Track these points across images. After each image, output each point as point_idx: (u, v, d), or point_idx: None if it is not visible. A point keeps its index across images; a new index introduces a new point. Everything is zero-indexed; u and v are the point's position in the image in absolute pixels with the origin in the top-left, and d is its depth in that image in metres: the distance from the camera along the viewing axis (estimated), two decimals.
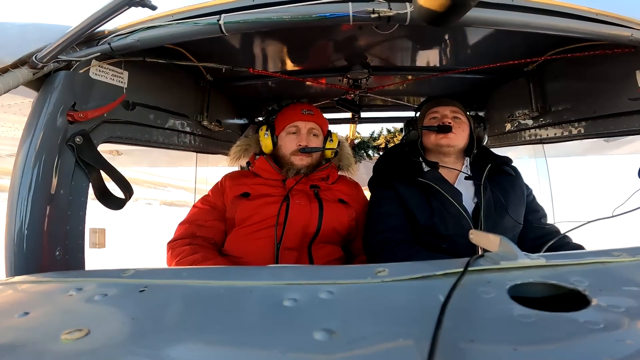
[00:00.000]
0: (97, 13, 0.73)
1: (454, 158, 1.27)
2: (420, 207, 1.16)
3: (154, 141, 1.20)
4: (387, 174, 1.28)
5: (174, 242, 1.16)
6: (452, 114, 1.26)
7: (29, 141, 0.83)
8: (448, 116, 1.24)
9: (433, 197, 1.16)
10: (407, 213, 1.18)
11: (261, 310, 0.42)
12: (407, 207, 1.18)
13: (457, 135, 1.22)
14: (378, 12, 0.78)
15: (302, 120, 1.28)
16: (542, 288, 0.44)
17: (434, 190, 1.16)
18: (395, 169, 1.27)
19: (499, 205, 1.15)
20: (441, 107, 1.27)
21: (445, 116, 1.25)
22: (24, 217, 0.80)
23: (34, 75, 0.83)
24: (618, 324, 0.35)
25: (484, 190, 1.16)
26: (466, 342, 0.34)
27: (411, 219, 1.18)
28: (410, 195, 1.19)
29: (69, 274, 0.65)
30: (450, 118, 1.24)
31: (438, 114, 1.27)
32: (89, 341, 0.37)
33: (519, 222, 1.19)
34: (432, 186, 1.16)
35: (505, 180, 1.24)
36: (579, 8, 0.88)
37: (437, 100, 1.31)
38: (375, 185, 1.31)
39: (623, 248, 0.54)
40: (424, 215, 1.15)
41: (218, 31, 0.81)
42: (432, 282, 0.46)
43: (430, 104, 1.32)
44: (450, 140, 1.21)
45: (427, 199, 1.17)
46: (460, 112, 1.27)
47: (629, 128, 1.12)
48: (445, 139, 1.21)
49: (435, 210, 1.14)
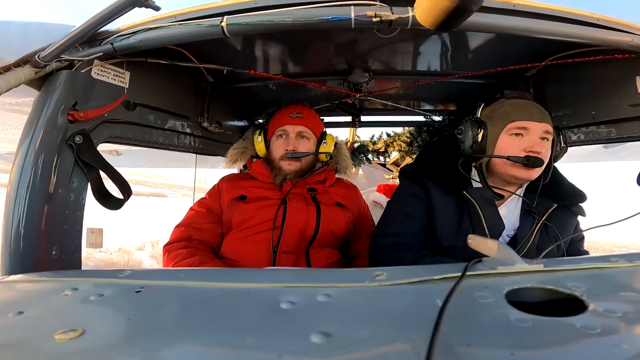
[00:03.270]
0: (101, 13, 0.73)
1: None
2: (447, 225, 0.98)
3: (153, 142, 1.20)
4: (427, 171, 1.05)
5: (170, 245, 1.16)
6: (543, 134, 0.94)
7: (28, 140, 0.83)
8: (539, 141, 0.93)
9: (467, 218, 0.96)
10: (430, 224, 1.01)
11: (258, 312, 0.42)
12: (432, 219, 1.00)
13: (542, 167, 0.94)
14: (380, 16, 0.78)
15: (289, 123, 1.27)
16: (539, 293, 0.44)
17: (473, 211, 0.95)
18: (438, 170, 1.04)
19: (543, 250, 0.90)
20: (532, 123, 0.94)
21: (535, 140, 0.93)
22: (22, 216, 0.79)
23: (36, 74, 0.83)
24: (615, 329, 0.35)
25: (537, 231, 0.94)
26: (463, 347, 0.34)
27: (431, 233, 1.01)
28: (443, 207, 0.99)
29: (64, 273, 0.65)
30: (540, 144, 0.93)
31: (525, 133, 0.94)
32: (83, 341, 0.37)
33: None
34: (473, 206, 0.95)
35: (561, 220, 0.99)
36: (580, 13, 0.88)
37: (525, 109, 0.95)
38: (408, 177, 1.10)
39: (621, 254, 0.54)
40: (446, 235, 0.98)
41: (220, 33, 0.81)
42: (430, 286, 0.46)
43: (514, 109, 0.96)
44: (533, 174, 0.94)
45: (459, 218, 0.98)
46: (551, 131, 0.96)
47: (629, 134, 1.12)
48: (527, 173, 0.93)
49: (462, 234, 0.95)
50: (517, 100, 1.00)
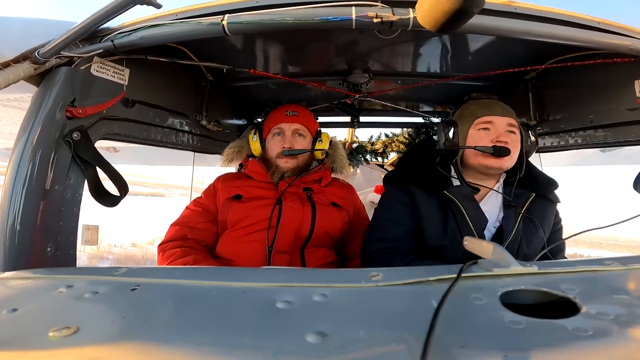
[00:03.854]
0: (103, 10, 0.73)
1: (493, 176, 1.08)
2: (433, 226, 1.02)
3: (152, 139, 1.20)
4: (409, 176, 1.10)
5: (165, 244, 1.15)
6: (508, 127, 1.03)
7: (26, 135, 0.83)
8: (504, 132, 1.02)
9: (452, 217, 1.01)
10: (417, 227, 1.06)
11: (254, 311, 0.42)
12: (419, 221, 1.05)
13: (512, 156, 1.01)
14: (381, 17, 0.78)
15: (285, 122, 1.27)
16: (533, 295, 0.44)
17: (456, 210, 1.00)
18: (419, 174, 1.09)
19: (527, 240, 1.00)
20: (496, 117, 1.03)
21: (500, 131, 1.02)
22: (17, 212, 0.79)
23: (35, 70, 0.83)
24: (607, 332, 0.35)
25: (519, 222, 0.99)
26: (458, 348, 0.34)
27: (419, 235, 1.05)
28: (427, 209, 1.04)
29: (59, 270, 0.64)
30: (506, 134, 1.02)
31: (491, 126, 1.04)
32: (77, 339, 0.37)
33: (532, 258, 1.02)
34: (456, 204, 1.00)
35: (540, 208, 1.05)
36: (580, 16, 0.88)
37: (489, 106, 1.06)
38: (392, 184, 1.15)
39: (614, 257, 0.54)
40: (434, 236, 1.02)
41: (221, 32, 0.81)
42: (425, 287, 0.46)
43: (479, 107, 1.07)
44: (504, 163, 1.01)
45: (444, 218, 1.02)
46: (516, 124, 1.05)
47: (626, 139, 1.13)
48: (498, 162, 1.00)
49: (449, 233, 1.00)
50: (482, 100, 1.11)
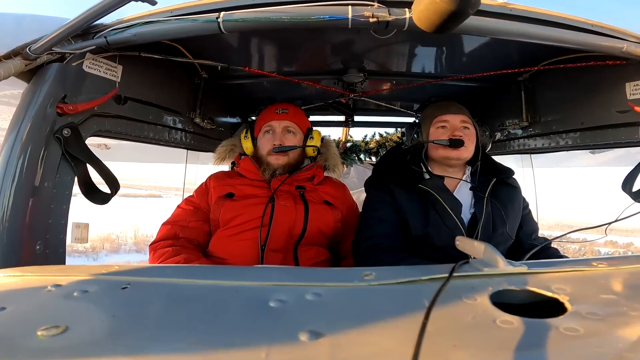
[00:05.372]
0: (96, 6, 0.72)
1: (457, 167, 1.23)
2: (416, 216, 1.13)
3: (144, 136, 1.19)
4: (387, 177, 1.23)
5: (157, 243, 1.14)
6: (461, 124, 1.19)
7: (15, 132, 0.81)
8: (458, 127, 1.18)
9: (432, 207, 1.13)
10: (401, 221, 1.16)
11: (246, 310, 0.42)
12: (402, 215, 1.15)
13: (468, 147, 1.17)
14: (377, 17, 0.79)
15: (275, 119, 1.28)
16: (523, 295, 0.44)
17: (434, 199, 1.13)
18: (395, 173, 1.22)
19: (497, 220, 1.13)
20: (450, 116, 1.20)
21: (455, 127, 1.18)
22: (5, 209, 0.78)
23: (26, 66, 0.81)
24: (596, 331, 0.36)
25: (486, 204, 1.13)
26: (449, 347, 0.34)
27: (405, 227, 1.15)
28: (408, 203, 1.15)
29: (48, 268, 0.63)
30: (460, 129, 1.18)
31: (447, 124, 1.20)
32: (66, 338, 0.36)
33: (512, 237, 1.18)
34: (432, 195, 1.12)
35: (506, 193, 1.21)
36: (575, 19, 0.90)
37: (444, 106, 1.23)
38: (373, 187, 1.27)
39: (603, 257, 0.55)
40: (418, 225, 1.12)
41: (216, 29, 0.80)
42: (417, 286, 0.47)
43: (436, 109, 1.23)
44: (461, 153, 1.16)
45: (425, 208, 1.14)
46: (469, 120, 1.21)
47: (615, 140, 1.14)
48: (455, 153, 1.16)
49: (432, 221, 1.11)
50: (440, 102, 1.27)
